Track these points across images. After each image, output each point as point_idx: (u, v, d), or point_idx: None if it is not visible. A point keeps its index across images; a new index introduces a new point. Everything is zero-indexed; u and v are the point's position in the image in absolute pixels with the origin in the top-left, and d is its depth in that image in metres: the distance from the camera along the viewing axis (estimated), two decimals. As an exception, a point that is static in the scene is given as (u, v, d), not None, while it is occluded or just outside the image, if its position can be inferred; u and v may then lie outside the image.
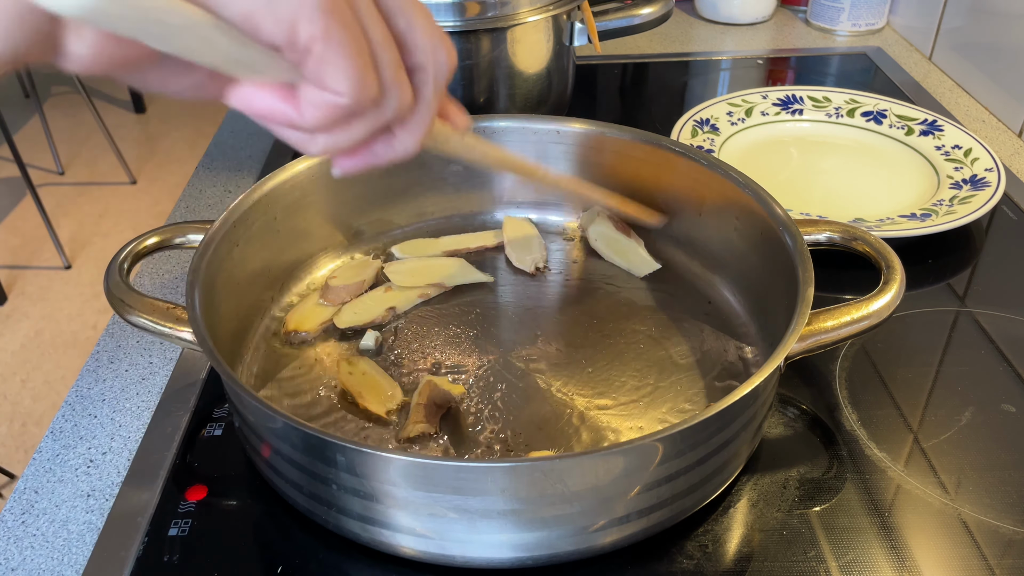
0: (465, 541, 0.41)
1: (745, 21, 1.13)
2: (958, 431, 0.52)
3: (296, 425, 0.39)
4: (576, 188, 0.60)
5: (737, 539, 0.45)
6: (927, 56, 1.03)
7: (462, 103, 0.75)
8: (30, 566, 0.46)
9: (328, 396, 0.52)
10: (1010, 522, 0.46)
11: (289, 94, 0.30)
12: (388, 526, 0.41)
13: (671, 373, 0.54)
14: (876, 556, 0.44)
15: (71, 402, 0.56)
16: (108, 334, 0.62)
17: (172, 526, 0.46)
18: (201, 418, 0.53)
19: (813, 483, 0.48)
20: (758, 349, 0.55)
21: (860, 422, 0.52)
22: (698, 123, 0.80)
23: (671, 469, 0.41)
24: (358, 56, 0.28)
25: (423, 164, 0.65)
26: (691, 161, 0.60)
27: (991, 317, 0.61)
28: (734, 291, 0.59)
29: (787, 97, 0.85)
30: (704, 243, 0.62)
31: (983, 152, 0.74)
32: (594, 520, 0.41)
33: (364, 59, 0.29)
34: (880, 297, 0.47)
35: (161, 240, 0.53)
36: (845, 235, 0.52)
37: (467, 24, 0.71)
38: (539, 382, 0.53)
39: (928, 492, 0.48)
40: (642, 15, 0.81)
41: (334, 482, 0.41)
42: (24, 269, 2.21)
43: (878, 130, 0.81)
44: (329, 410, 0.51)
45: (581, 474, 0.39)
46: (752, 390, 0.40)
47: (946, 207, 0.69)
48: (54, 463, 0.52)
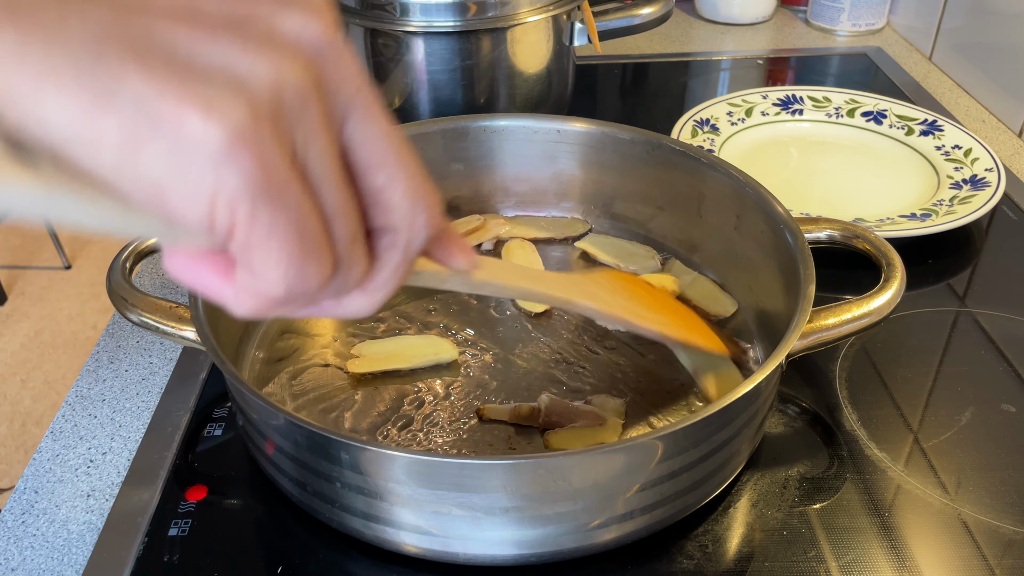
0: (468, 538, 0.41)
1: (745, 21, 1.13)
2: (958, 431, 0.52)
3: (300, 423, 0.39)
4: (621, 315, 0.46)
5: (737, 539, 0.45)
6: (927, 56, 1.03)
7: (462, 103, 0.77)
8: (30, 566, 0.46)
9: (332, 392, 0.52)
10: (1010, 522, 0.46)
11: (227, 268, 0.24)
12: (391, 523, 0.41)
13: (672, 372, 0.54)
14: (876, 556, 0.44)
15: (71, 402, 0.56)
16: (108, 334, 0.62)
17: (172, 526, 0.46)
18: (201, 418, 0.53)
19: (813, 483, 0.48)
20: (758, 348, 0.55)
21: (860, 422, 0.52)
22: (698, 123, 0.80)
23: (673, 466, 0.41)
24: (297, 242, 0.22)
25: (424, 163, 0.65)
26: (691, 160, 0.60)
27: (991, 317, 0.61)
28: (734, 289, 0.59)
29: (787, 97, 0.85)
30: (704, 242, 0.62)
31: (983, 152, 0.74)
32: (596, 517, 0.41)
33: (306, 244, 0.23)
34: (881, 294, 0.47)
35: (162, 239, 0.53)
36: (846, 233, 0.53)
37: (467, 24, 0.71)
38: (539, 381, 0.53)
39: (928, 492, 0.48)
40: (642, 15, 0.81)
41: (338, 480, 0.41)
42: (24, 269, 2.21)
43: (878, 130, 0.81)
44: (333, 406, 0.51)
45: (583, 471, 0.39)
46: (754, 387, 0.40)
47: (946, 207, 0.69)
48: (54, 463, 0.52)
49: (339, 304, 0.27)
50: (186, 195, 0.21)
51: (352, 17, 0.74)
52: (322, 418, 0.51)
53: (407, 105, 0.76)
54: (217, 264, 0.24)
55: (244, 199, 0.21)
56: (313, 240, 0.23)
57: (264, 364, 0.55)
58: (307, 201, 0.23)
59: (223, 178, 0.21)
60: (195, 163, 0.21)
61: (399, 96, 0.76)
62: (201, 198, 0.21)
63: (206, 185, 0.21)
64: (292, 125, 0.22)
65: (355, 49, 0.24)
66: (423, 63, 0.73)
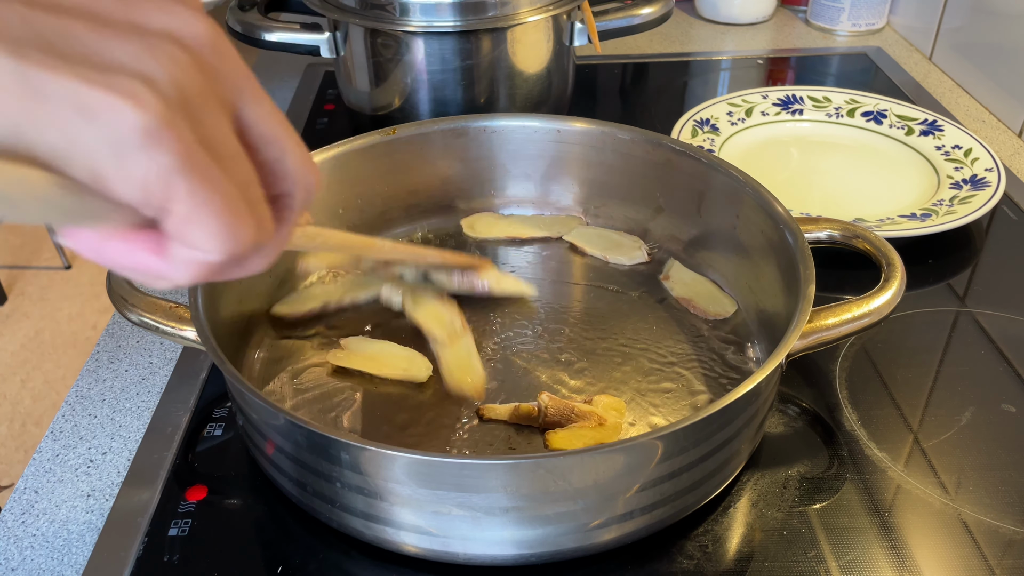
0: (468, 538, 0.41)
1: (745, 21, 1.13)
2: (958, 431, 0.52)
3: (300, 423, 0.39)
4: (408, 255, 0.58)
5: (737, 539, 0.45)
6: (927, 56, 1.03)
7: (462, 103, 0.77)
8: (30, 566, 0.46)
9: (332, 392, 0.52)
10: (1010, 522, 0.46)
11: (156, 244, 0.26)
12: (391, 523, 0.41)
13: (672, 371, 0.54)
14: (876, 556, 0.44)
15: (71, 402, 0.56)
16: (108, 334, 0.62)
17: (172, 526, 0.46)
18: (201, 418, 0.53)
19: (813, 483, 0.48)
20: (759, 348, 0.55)
21: (860, 422, 0.52)
22: (698, 123, 0.80)
23: (673, 466, 0.41)
24: (226, 210, 0.25)
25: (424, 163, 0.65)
26: (691, 159, 0.60)
27: (991, 317, 0.61)
28: (734, 289, 0.59)
29: (787, 97, 0.85)
30: (704, 241, 0.62)
31: (983, 152, 0.74)
32: (596, 517, 0.41)
33: (233, 211, 0.25)
34: (881, 294, 0.47)
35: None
36: (846, 233, 0.53)
37: (467, 24, 0.71)
38: (539, 380, 0.53)
39: (928, 492, 0.48)
40: (642, 15, 0.81)
41: (338, 480, 0.41)
42: (24, 269, 2.21)
43: (878, 130, 0.81)
44: (333, 406, 0.51)
45: (583, 471, 0.39)
46: (754, 387, 0.40)
47: (946, 207, 0.69)
48: (54, 463, 0.52)
49: (241, 267, 0.29)
50: (124, 177, 0.23)
51: (352, 17, 0.74)
52: (322, 418, 0.51)
53: (407, 105, 0.76)
54: (147, 241, 0.26)
55: (176, 176, 0.24)
56: (237, 207, 0.26)
57: (264, 364, 0.55)
58: (224, 174, 0.25)
59: (155, 158, 0.23)
60: (129, 147, 0.23)
61: (399, 96, 0.76)
62: (137, 178, 0.23)
63: (141, 166, 0.23)
64: (197, 112, 0.25)
65: (233, 41, 0.29)
66: (423, 63, 0.73)
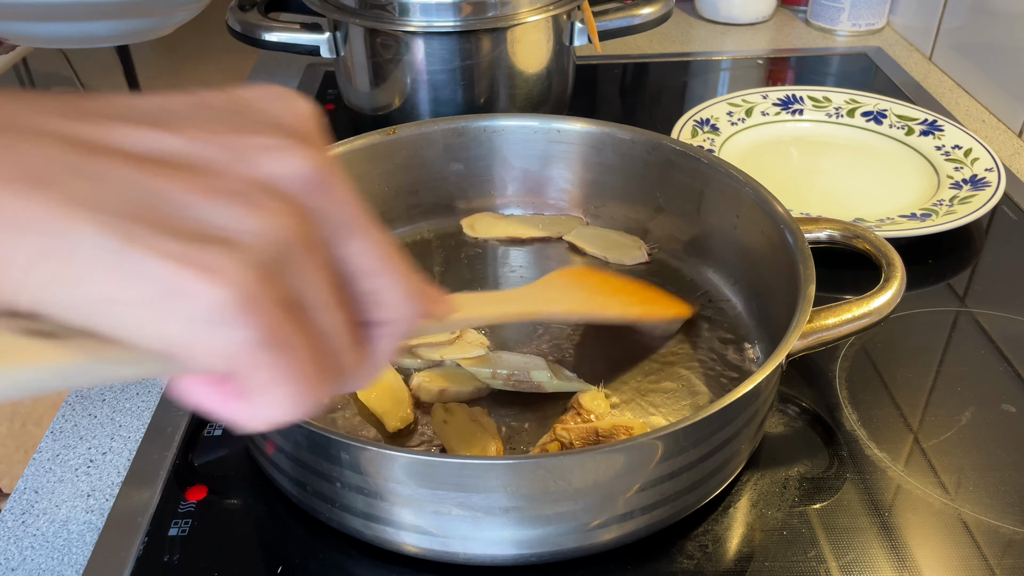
0: (468, 538, 0.41)
1: (745, 21, 1.13)
2: (958, 431, 0.52)
3: (300, 423, 0.39)
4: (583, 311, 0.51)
5: (737, 539, 0.45)
6: (927, 56, 1.03)
7: (462, 103, 0.77)
8: (30, 566, 0.46)
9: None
10: (1010, 522, 0.46)
11: (235, 392, 0.25)
12: (391, 523, 0.41)
13: (672, 371, 0.54)
14: (876, 556, 0.44)
15: (71, 402, 0.56)
16: (108, 333, 0.61)
17: (172, 526, 0.46)
18: (201, 418, 0.53)
19: (813, 483, 0.48)
20: (759, 348, 0.55)
21: (860, 422, 0.52)
22: (698, 123, 0.80)
23: (673, 466, 0.41)
24: (301, 376, 0.24)
25: (424, 163, 0.65)
26: (691, 160, 0.60)
27: (991, 317, 0.61)
28: (734, 289, 0.59)
29: (787, 97, 0.85)
30: (704, 241, 0.62)
31: (983, 152, 0.74)
32: (596, 517, 0.41)
33: (308, 374, 0.24)
34: (881, 294, 0.47)
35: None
36: (846, 233, 0.53)
37: (467, 24, 0.71)
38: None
39: (928, 492, 0.48)
40: (642, 15, 0.81)
41: (338, 480, 0.41)
42: (23, 269, 2.21)
43: (878, 130, 0.81)
44: (333, 406, 0.51)
45: (583, 471, 0.39)
46: (754, 387, 0.40)
47: (946, 207, 0.69)
48: (54, 463, 0.52)
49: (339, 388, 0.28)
50: (201, 352, 0.22)
51: (352, 17, 0.74)
52: (322, 418, 0.51)
53: (407, 105, 0.76)
54: (225, 389, 0.25)
55: (256, 350, 0.22)
56: (314, 367, 0.24)
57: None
58: (305, 337, 0.24)
59: (235, 334, 0.22)
60: (208, 324, 0.22)
61: (399, 96, 0.76)
62: (214, 352, 0.22)
63: (220, 342, 0.22)
64: (290, 274, 0.23)
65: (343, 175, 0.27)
66: (423, 63, 0.73)
